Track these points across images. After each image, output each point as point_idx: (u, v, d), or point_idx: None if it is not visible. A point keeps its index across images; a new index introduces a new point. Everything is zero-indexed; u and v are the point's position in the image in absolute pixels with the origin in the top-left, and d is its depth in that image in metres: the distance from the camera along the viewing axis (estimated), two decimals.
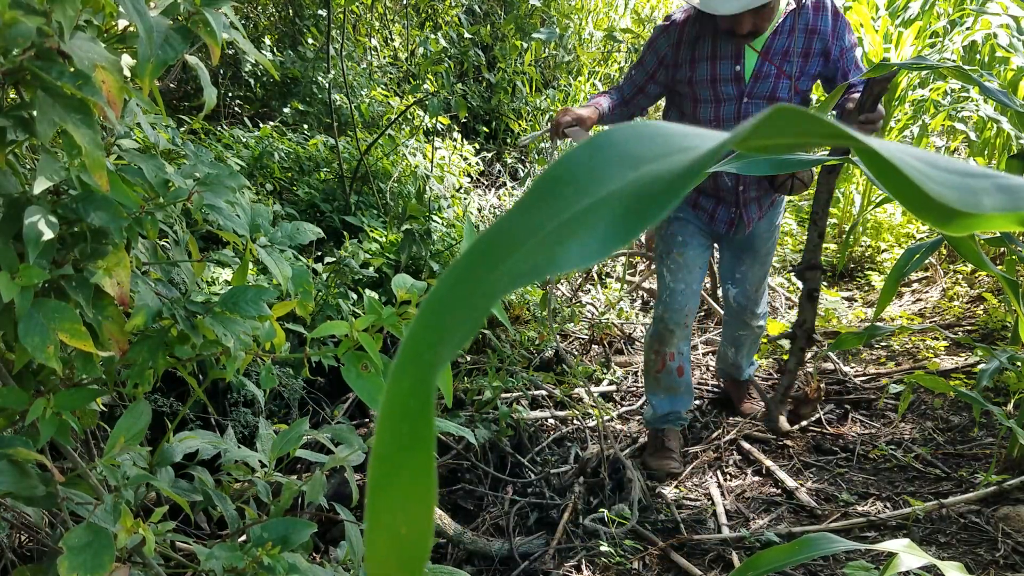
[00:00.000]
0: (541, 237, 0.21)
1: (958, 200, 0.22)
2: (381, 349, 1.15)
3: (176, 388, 2.20)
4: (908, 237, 4.11)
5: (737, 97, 2.14)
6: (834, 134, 0.22)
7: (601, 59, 5.32)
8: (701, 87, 2.16)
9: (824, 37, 2.10)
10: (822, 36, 2.10)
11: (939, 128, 4.23)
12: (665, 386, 2.52)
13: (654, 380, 2.53)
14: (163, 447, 1.23)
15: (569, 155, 0.24)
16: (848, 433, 2.68)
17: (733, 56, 2.11)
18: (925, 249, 1.86)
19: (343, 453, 1.33)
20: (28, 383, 1.05)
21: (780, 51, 2.10)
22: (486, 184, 4.61)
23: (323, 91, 3.90)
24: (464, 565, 2.06)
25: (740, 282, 2.57)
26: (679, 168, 0.21)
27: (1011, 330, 2.99)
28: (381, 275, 2.90)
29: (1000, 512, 2.07)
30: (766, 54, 2.10)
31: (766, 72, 2.11)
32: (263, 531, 1.14)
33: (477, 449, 2.45)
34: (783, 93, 2.14)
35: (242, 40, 1.09)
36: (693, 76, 2.15)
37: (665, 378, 2.50)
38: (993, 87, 1.66)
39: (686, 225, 2.42)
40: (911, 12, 4.03)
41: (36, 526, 1.17)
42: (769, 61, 2.10)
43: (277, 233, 1.23)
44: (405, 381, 0.22)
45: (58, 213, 0.95)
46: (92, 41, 0.92)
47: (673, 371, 2.49)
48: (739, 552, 2.06)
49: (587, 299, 3.79)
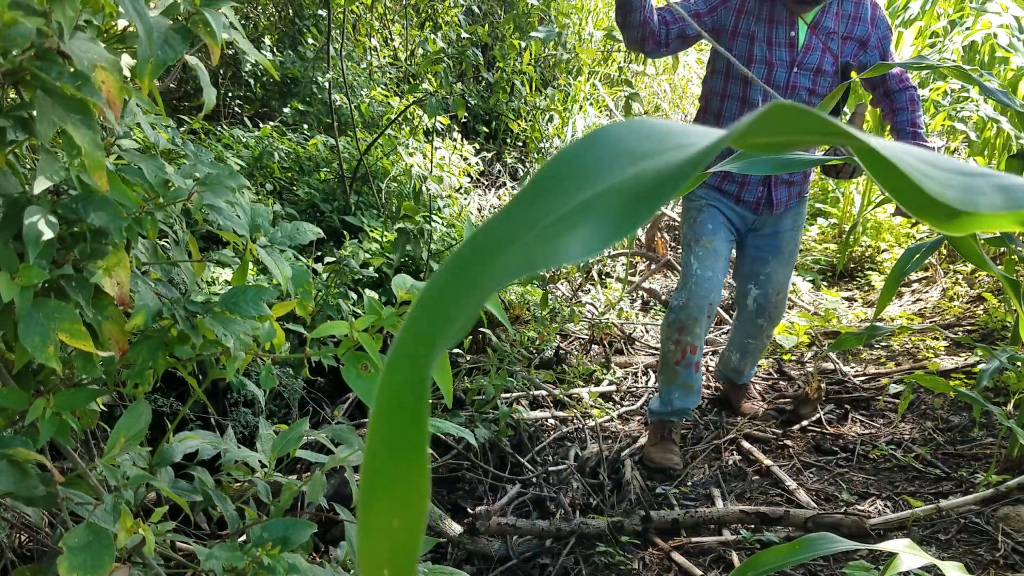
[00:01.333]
0: (539, 231, 0.21)
1: (958, 200, 0.22)
2: (381, 349, 1.14)
3: (176, 388, 2.20)
4: (908, 237, 4.11)
5: (788, 64, 2.24)
6: (834, 132, 0.22)
7: (601, 59, 5.32)
8: (758, 44, 2.23)
9: (864, 23, 2.24)
10: (863, 22, 2.24)
11: (939, 128, 4.23)
12: (682, 381, 2.46)
13: (672, 372, 2.46)
14: (163, 447, 1.23)
15: (568, 150, 0.24)
16: (848, 433, 2.68)
17: (788, 23, 2.22)
18: (925, 249, 1.86)
19: (343, 453, 1.33)
20: (28, 383, 1.05)
21: (826, 30, 2.22)
22: (486, 184, 4.61)
23: (323, 91, 3.90)
24: (464, 565, 2.06)
25: (764, 284, 2.51)
26: (677, 164, 0.21)
27: (1011, 330, 2.99)
28: (381, 275, 2.90)
29: (1000, 512, 2.07)
30: (815, 28, 2.22)
31: (814, 45, 2.23)
32: (263, 531, 1.14)
33: (477, 449, 2.45)
34: (828, 67, 2.25)
35: (242, 40, 1.09)
36: (756, 33, 2.23)
37: (683, 372, 2.44)
38: (993, 87, 1.66)
39: (716, 214, 2.42)
40: (911, 12, 4.04)
41: (36, 526, 1.17)
42: (816, 36, 2.22)
43: (277, 233, 1.23)
44: (399, 375, 0.22)
45: (58, 213, 0.95)
46: (92, 41, 0.92)
47: (692, 364, 2.44)
48: (739, 552, 2.06)
49: (587, 299, 3.79)
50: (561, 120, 4.66)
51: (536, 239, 0.21)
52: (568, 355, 3.26)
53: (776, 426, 2.78)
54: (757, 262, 2.51)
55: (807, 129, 0.22)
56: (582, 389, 2.96)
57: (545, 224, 0.21)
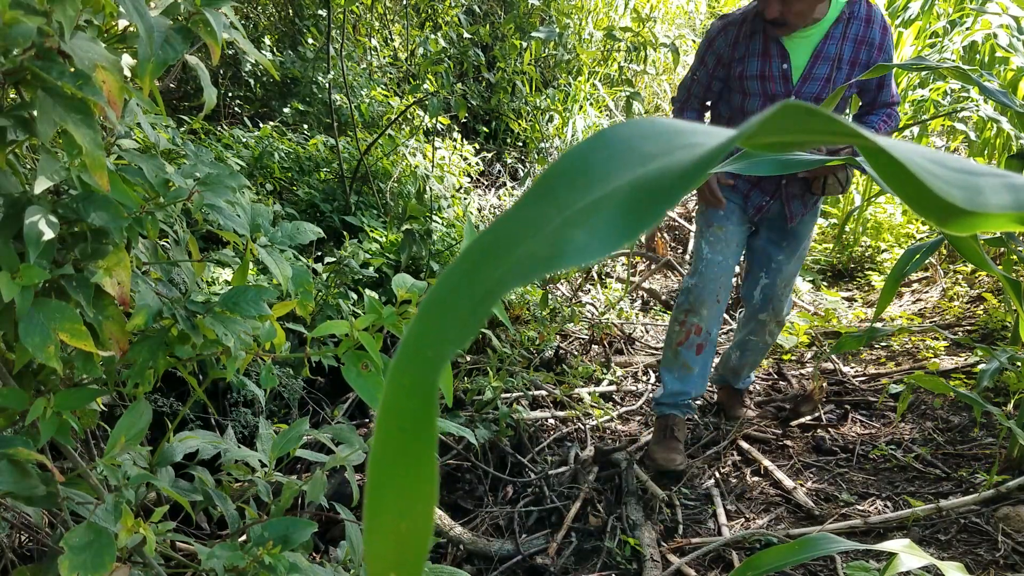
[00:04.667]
0: (547, 231, 0.21)
1: (965, 199, 0.22)
2: (381, 349, 1.14)
3: (176, 388, 2.20)
4: (908, 237, 4.12)
5: (784, 95, 2.22)
6: (843, 132, 0.22)
7: (601, 59, 5.32)
8: (750, 81, 2.25)
9: (871, 49, 2.18)
10: (869, 47, 2.18)
11: (939, 128, 4.23)
12: (681, 362, 2.46)
13: (672, 354, 2.48)
14: (163, 447, 1.23)
15: (575, 150, 0.24)
16: (848, 433, 2.68)
17: (779, 56, 2.20)
18: (925, 249, 1.86)
19: (343, 453, 1.32)
20: (28, 383, 1.05)
21: (831, 57, 2.17)
22: (486, 184, 4.61)
23: (323, 91, 3.90)
24: (464, 565, 2.06)
25: (774, 273, 2.50)
26: (685, 164, 0.21)
27: (1011, 330, 2.99)
28: (381, 275, 2.90)
29: (1000, 512, 2.07)
30: (816, 57, 2.18)
31: (815, 75, 2.19)
32: (264, 531, 1.14)
33: (477, 449, 2.44)
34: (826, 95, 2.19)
35: (242, 40, 1.09)
36: (744, 71, 2.24)
37: (684, 352, 2.45)
38: (993, 87, 1.66)
39: (729, 203, 2.44)
40: (911, 12, 4.04)
41: (36, 526, 1.17)
42: (819, 64, 2.18)
43: (277, 233, 1.23)
44: (406, 378, 0.21)
45: (58, 213, 0.95)
46: (92, 41, 0.92)
47: (694, 347, 2.44)
48: (739, 552, 2.06)
49: (587, 299, 3.79)
50: (561, 120, 4.66)
51: (546, 239, 0.21)
52: (568, 355, 3.26)
53: (776, 426, 2.78)
54: (772, 248, 2.50)
55: (816, 129, 0.22)
56: (582, 389, 2.96)
57: (555, 224, 0.21)
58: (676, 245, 4.56)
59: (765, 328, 2.59)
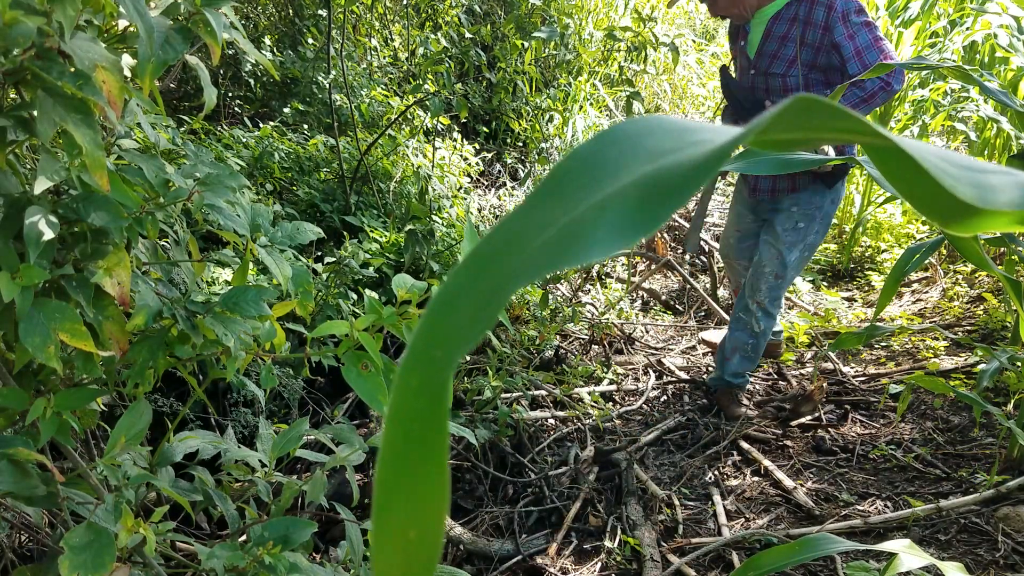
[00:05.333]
0: (557, 229, 0.21)
1: (977, 196, 0.22)
2: (381, 349, 1.14)
3: (176, 388, 2.19)
4: (908, 237, 4.11)
5: (746, 68, 2.57)
6: (857, 129, 0.22)
7: (601, 58, 5.32)
8: (735, 60, 2.71)
9: (815, 28, 2.37)
10: (814, 27, 2.37)
11: (939, 128, 4.23)
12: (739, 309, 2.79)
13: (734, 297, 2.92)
14: (163, 447, 1.23)
15: (583, 147, 0.23)
16: (848, 433, 2.68)
17: (741, 35, 2.61)
18: (925, 249, 1.86)
19: (344, 453, 1.32)
20: (28, 383, 1.05)
21: (778, 36, 2.45)
22: (486, 184, 4.61)
23: (323, 91, 3.90)
24: (464, 565, 2.06)
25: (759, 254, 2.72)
26: (694, 161, 0.21)
27: (1011, 330, 2.99)
28: (381, 275, 2.89)
29: (1000, 512, 2.07)
30: (767, 36, 2.47)
31: (765, 51, 2.48)
32: (264, 530, 1.14)
33: (477, 449, 2.44)
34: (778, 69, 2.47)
35: (242, 40, 1.09)
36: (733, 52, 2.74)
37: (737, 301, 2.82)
38: (993, 87, 1.66)
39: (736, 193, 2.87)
40: (911, 12, 4.03)
41: (36, 526, 1.17)
42: (769, 42, 2.47)
43: (277, 233, 1.23)
44: (414, 378, 0.21)
45: (58, 213, 0.95)
46: (92, 41, 0.92)
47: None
48: (739, 552, 2.06)
49: (587, 299, 3.78)
50: (562, 120, 4.66)
51: (554, 237, 0.20)
52: (568, 355, 3.26)
53: (776, 426, 2.77)
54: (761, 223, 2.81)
55: (829, 126, 0.22)
56: (582, 389, 2.96)
57: (563, 223, 0.21)
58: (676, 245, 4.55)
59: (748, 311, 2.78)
